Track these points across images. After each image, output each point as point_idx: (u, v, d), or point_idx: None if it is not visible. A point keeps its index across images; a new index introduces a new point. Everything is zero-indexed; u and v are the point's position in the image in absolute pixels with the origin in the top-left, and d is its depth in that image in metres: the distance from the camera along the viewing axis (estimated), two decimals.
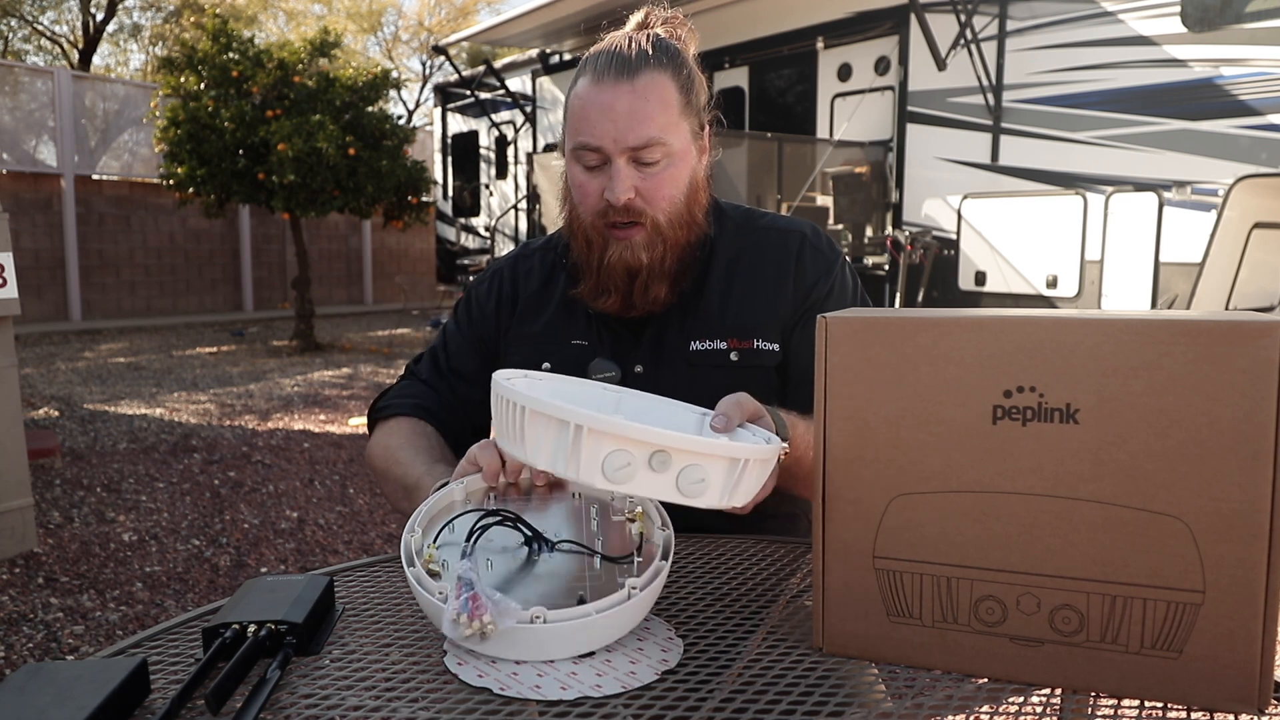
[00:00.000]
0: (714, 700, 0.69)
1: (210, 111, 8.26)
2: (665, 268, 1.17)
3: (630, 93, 1.09)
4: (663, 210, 1.14)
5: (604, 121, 1.10)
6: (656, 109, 1.10)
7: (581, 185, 1.15)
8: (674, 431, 0.73)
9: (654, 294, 1.17)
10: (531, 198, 7.99)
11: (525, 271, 1.32)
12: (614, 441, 0.72)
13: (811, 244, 1.25)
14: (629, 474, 0.72)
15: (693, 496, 0.74)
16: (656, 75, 1.11)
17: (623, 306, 1.18)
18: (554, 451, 0.74)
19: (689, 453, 0.73)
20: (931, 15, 6.36)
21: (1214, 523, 0.64)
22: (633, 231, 1.14)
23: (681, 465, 0.73)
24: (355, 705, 0.69)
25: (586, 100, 1.12)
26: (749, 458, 0.76)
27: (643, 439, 0.72)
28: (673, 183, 1.14)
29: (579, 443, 0.72)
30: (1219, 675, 0.65)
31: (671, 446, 0.72)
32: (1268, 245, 4.72)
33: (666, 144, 1.11)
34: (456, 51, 12.62)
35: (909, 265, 6.48)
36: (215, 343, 10.21)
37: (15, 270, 3.10)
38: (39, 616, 2.80)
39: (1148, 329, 0.65)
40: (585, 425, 0.72)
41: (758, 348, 1.19)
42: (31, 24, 18.36)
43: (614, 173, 1.11)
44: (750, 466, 0.76)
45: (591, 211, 1.15)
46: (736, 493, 0.77)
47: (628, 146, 1.10)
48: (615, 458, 0.72)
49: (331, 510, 3.98)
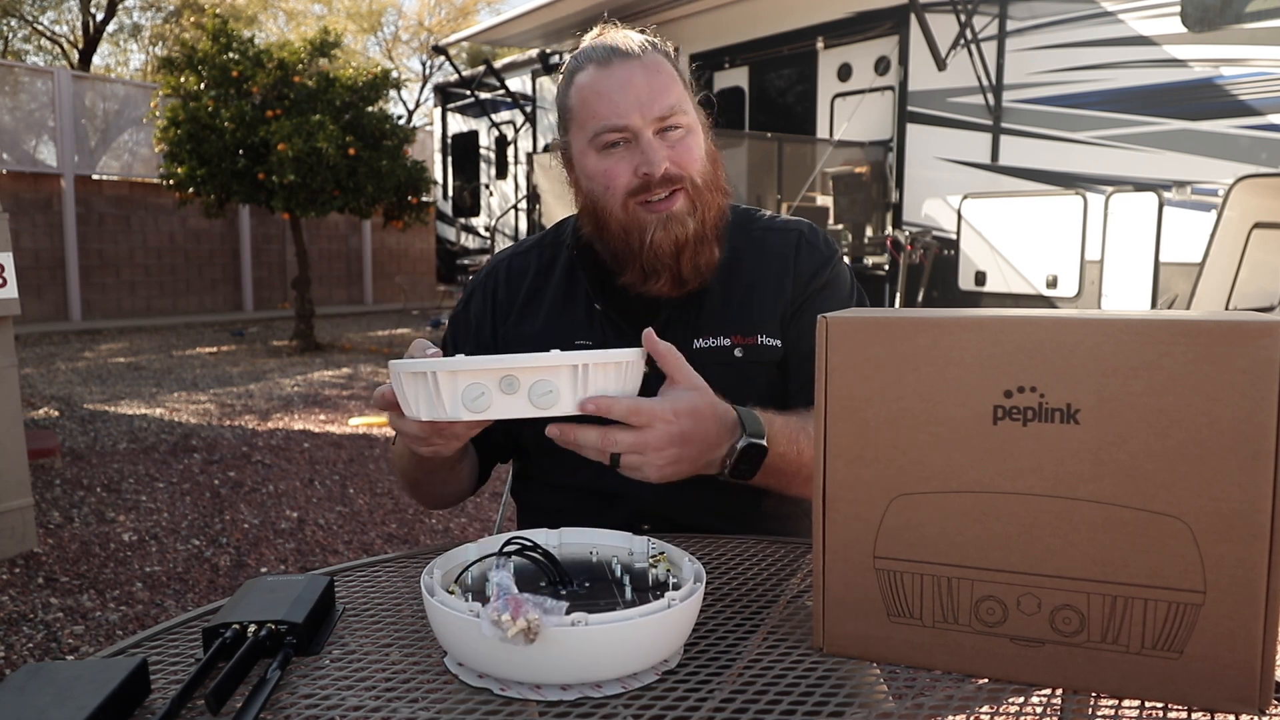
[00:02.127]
0: (714, 700, 0.69)
1: (210, 111, 8.26)
2: (708, 230, 1.17)
3: (643, 68, 1.12)
4: (698, 172, 1.15)
5: (626, 97, 1.11)
6: (669, 80, 1.13)
7: (608, 171, 1.14)
8: (518, 355, 0.83)
9: (705, 260, 1.17)
10: (531, 198, 7.99)
11: (521, 271, 1.30)
12: (467, 377, 0.81)
13: (808, 240, 1.26)
14: (486, 401, 0.81)
15: (548, 407, 0.82)
16: (656, 56, 1.15)
17: (674, 284, 1.17)
18: (426, 401, 0.83)
19: (531, 369, 0.82)
20: (931, 15, 6.36)
21: (1214, 523, 0.64)
22: (674, 200, 1.14)
23: (530, 383, 0.82)
24: (355, 705, 0.69)
25: (599, 84, 1.12)
26: (587, 362, 0.83)
27: (489, 367, 0.81)
28: (698, 146, 1.16)
29: (438, 386, 0.81)
30: (1219, 675, 0.65)
31: (514, 368, 0.81)
32: (1268, 245, 4.72)
33: (686, 113, 1.14)
34: (456, 51, 12.63)
35: (909, 265, 6.48)
36: (215, 343, 10.21)
37: (15, 270, 3.10)
38: (39, 616, 2.80)
39: (1148, 329, 0.65)
40: (437, 370, 0.81)
41: (761, 343, 1.19)
42: (31, 24, 18.37)
43: (645, 145, 1.11)
44: (592, 370, 0.84)
45: (623, 192, 1.14)
46: (588, 395, 0.84)
47: (655, 116, 1.11)
48: (470, 390, 0.81)
49: (331, 510, 3.98)
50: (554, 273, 1.28)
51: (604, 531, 0.94)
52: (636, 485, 1.18)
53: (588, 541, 0.94)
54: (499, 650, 0.69)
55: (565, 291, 1.26)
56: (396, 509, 4.03)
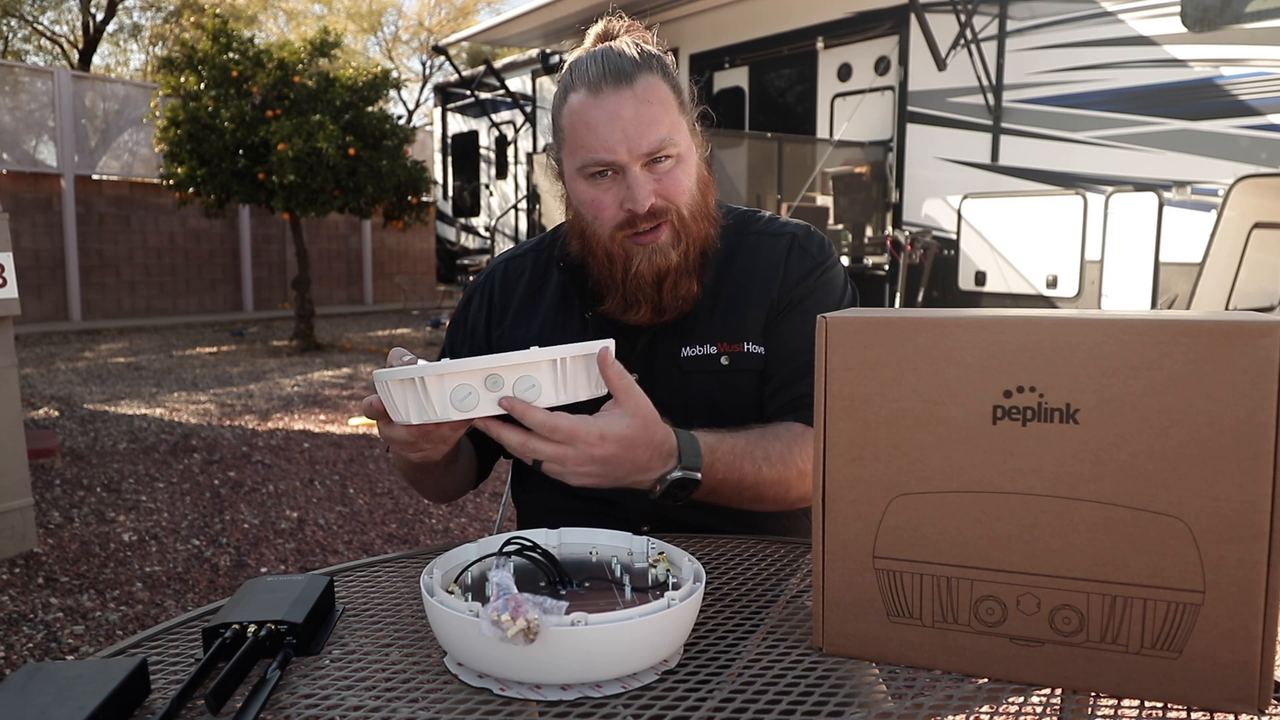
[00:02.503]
0: (714, 700, 0.69)
1: (210, 111, 8.26)
2: (691, 263, 1.15)
3: (633, 98, 1.08)
4: (684, 204, 1.13)
5: (613, 131, 1.08)
6: (660, 111, 1.10)
7: (595, 201, 1.13)
8: (498, 354, 0.86)
9: (684, 291, 1.16)
10: (531, 198, 8.00)
11: (517, 274, 1.30)
12: (453, 379, 0.85)
13: (801, 244, 1.23)
14: (474, 401, 0.85)
15: (534, 400, 0.87)
16: (651, 78, 1.10)
17: (654, 314, 1.16)
18: (415, 405, 0.86)
19: (513, 366, 0.86)
20: (931, 15, 6.36)
21: (1214, 523, 0.64)
22: (658, 233, 1.13)
23: (513, 380, 0.86)
24: (355, 705, 0.69)
25: (588, 113, 1.09)
26: (564, 356, 0.88)
27: (474, 367, 0.85)
28: (687, 177, 1.13)
29: (426, 390, 0.84)
30: (1219, 675, 0.65)
31: (497, 367, 0.85)
32: (1268, 245, 4.72)
33: (676, 143, 1.11)
34: (456, 51, 12.62)
35: (909, 265, 6.48)
36: (215, 343, 10.21)
37: (15, 270, 3.10)
38: (39, 616, 2.80)
39: (1148, 329, 0.65)
40: (425, 375, 0.84)
41: (747, 350, 1.18)
42: (31, 24, 18.37)
43: (632, 181, 1.09)
44: (570, 363, 0.88)
45: (611, 225, 1.13)
46: (568, 387, 0.89)
47: (642, 153, 1.09)
48: (458, 391, 0.85)
49: (331, 510, 3.98)
50: (550, 277, 1.28)
51: (604, 531, 0.94)
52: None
53: (588, 541, 0.94)
54: (499, 650, 0.69)
55: (560, 297, 1.26)
56: (396, 509, 4.03)
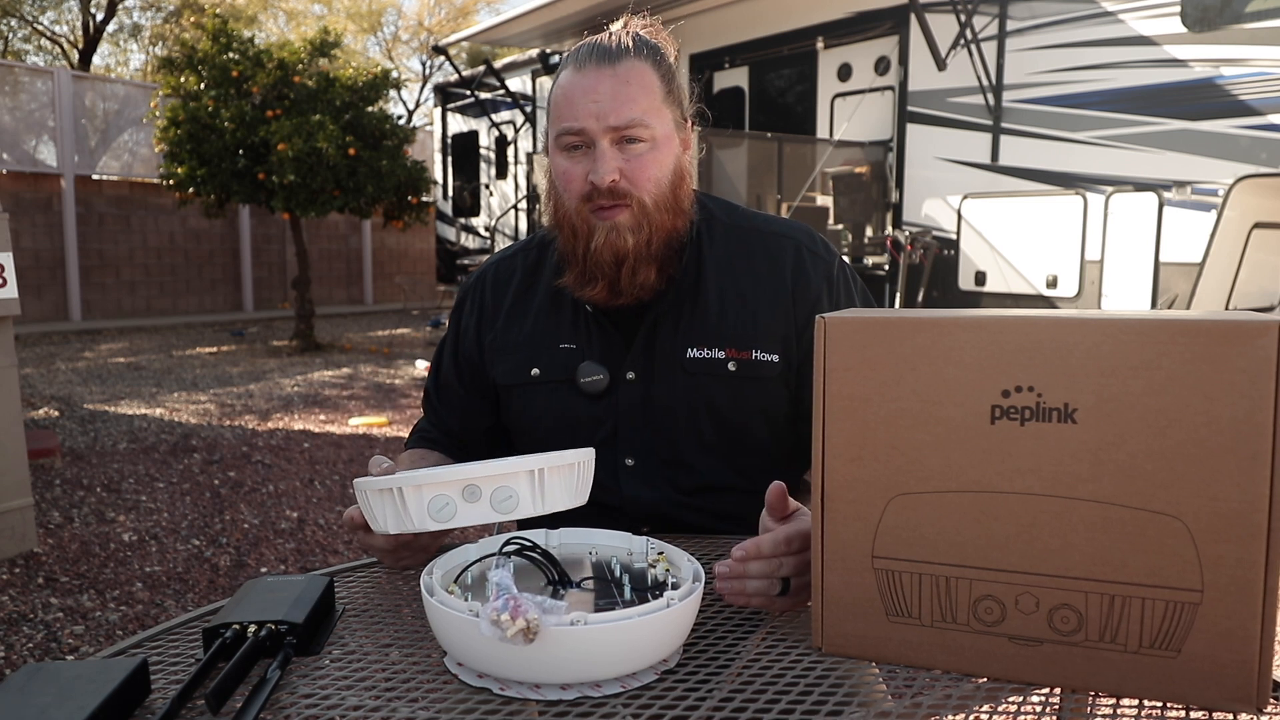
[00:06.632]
0: (713, 700, 0.70)
1: (210, 111, 8.26)
2: (652, 251, 1.15)
3: (612, 76, 1.11)
4: (648, 192, 1.13)
5: (586, 103, 1.11)
6: (638, 92, 1.12)
7: (565, 172, 1.15)
8: (476, 463, 0.84)
9: (641, 278, 1.16)
10: (531, 198, 8.00)
11: (507, 275, 1.31)
12: (431, 489, 0.82)
13: (809, 249, 1.23)
14: (451, 511, 0.82)
15: (508, 512, 0.83)
16: (637, 63, 1.13)
17: (610, 293, 1.16)
18: (393, 515, 0.84)
19: (491, 477, 0.83)
20: (931, 15, 6.36)
21: (1212, 522, 0.64)
22: (616, 212, 1.13)
23: (490, 490, 0.82)
24: (355, 705, 0.69)
25: (569, 87, 1.13)
26: (543, 467, 0.84)
27: (451, 478, 0.82)
28: (657, 165, 1.14)
29: (404, 500, 0.83)
30: (1217, 675, 0.65)
31: (475, 477, 0.82)
32: (1268, 245, 4.72)
33: (650, 126, 1.12)
34: (456, 51, 12.62)
35: (909, 265, 6.48)
36: (215, 343, 10.21)
37: (15, 270, 3.10)
38: (39, 616, 2.81)
39: (1147, 329, 0.65)
40: (403, 485, 0.82)
41: (756, 359, 1.18)
42: (31, 24, 18.37)
43: (598, 154, 1.11)
44: (548, 474, 0.84)
45: (576, 197, 1.14)
46: (547, 499, 0.85)
47: (610, 126, 1.10)
48: (435, 501, 0.82)
49: (331, 510, 3.98)
50: (542, 272, 1.28)
51: (603, 532, 0.94)
52: (636, 487, 1.19)
53: (587, 541, 0.94)
54: (498, 650, 0.69)
55: (554, 291, 1.25)
56: None
